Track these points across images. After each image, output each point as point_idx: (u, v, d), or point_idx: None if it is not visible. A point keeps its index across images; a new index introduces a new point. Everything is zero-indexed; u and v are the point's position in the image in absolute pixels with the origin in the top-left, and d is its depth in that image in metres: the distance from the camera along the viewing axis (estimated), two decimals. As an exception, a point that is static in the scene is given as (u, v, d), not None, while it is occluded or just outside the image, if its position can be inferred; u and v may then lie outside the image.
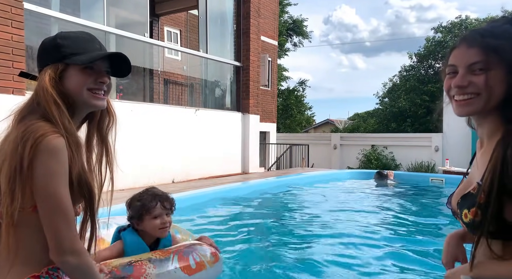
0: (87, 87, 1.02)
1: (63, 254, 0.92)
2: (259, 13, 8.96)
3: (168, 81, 9.43)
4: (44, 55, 1.02)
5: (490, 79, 0.84)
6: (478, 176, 0.90)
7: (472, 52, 0.86)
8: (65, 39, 1.02)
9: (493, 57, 0.84)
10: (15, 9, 4.54)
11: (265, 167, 10.88)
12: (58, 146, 0.91)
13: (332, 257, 3.14)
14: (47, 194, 0.90)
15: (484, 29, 0.89)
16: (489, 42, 0.85)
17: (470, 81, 0.86)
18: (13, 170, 0.89)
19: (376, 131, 18.34)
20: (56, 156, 0.91)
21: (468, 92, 0.87)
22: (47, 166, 0.90)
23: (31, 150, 0.88)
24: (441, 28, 18.86)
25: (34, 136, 0.89)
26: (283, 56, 21.79)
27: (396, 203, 5.72)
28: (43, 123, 0.93)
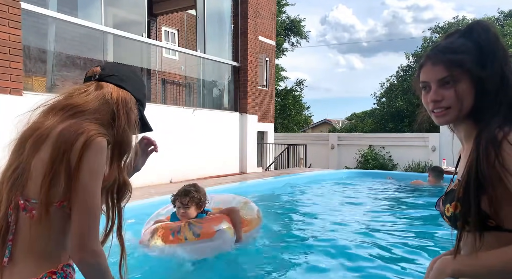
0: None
1: (84, 252, 0.94)
2: (256, 13, 8.97)
3: (166, 81, 9.41)
4: (131, 81, 1.15)
5: (459, 91, 0.94)
6: (460, 173, 0.99)
7: (438, 69, 0.96)
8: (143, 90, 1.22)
9: (457, 70, 0.94)
10: (12, 9, 4.53)
11: (263, 167, 10.89)
12: (104, 146, 0.98)
13: (332, 256, 3.15)
14: (87, 190, 0.94)
15: (443, 46, 0.98)
16: (450, 58, 0.95)
17: (443, 95, 0.96)
18: (61, 155, 0.93)
19: (373, 131, 18.38)
20: (103, 155, 0.98)
21: (443, 106, 0.97)
22: (94, 164, 0.95)
23: (83, 146, 0.94)
24: (438, 28, 18.93)
25: (87, 134, 0.95)
26: (280, 56, 21.81)
27: (394, 202, 5.74)
28: (93, 124, 1.00)
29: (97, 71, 1.12)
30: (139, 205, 4.46)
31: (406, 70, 19.90)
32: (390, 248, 3.39)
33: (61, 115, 1.01)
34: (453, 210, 0.92)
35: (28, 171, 0.96)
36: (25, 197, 0.96)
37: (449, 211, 0.94)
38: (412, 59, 19.51)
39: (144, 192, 5.53)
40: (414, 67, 19.59)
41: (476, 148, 0.89)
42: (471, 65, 0.93)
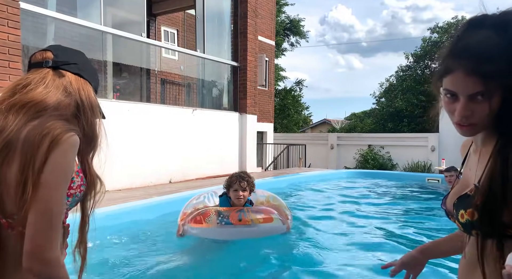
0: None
1: (31, 259, 0.84)
2: (256, 13, 8.96)
3: (165, 81, 9.41)
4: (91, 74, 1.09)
5: (492, 107, 0.84)
6: (475, 178, 0.92)
7: (472, 81, 0.83)
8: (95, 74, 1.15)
9: (492, 85, 0.82)
10: (11, 9, 4.52)
11: (262, 167, 10.88)
12: (73, 144, 0.92)
13: (331, 256, 3.15)
14: (45, 188, 0.86)
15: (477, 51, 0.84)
16: (488, 70, 0.82)
17: (473, 110, 0.85)
18: (27, 163, 0.87)
19: (372, 131, 18.38)
20: (70, 154, 0.91)
21: (472, 122, 0.87)
22: (59, 162, 0.88)
23: (50, 146, 0.88)
24: (437, 28, 18.93)
25: (54, 133, 0.90)
26: (280, 56, 21.80)
27: (393, 202, 5.74)
28: (61, 123, 0.95)
29: (50, 58, 1.01)
30: (139, 205, 4.45)
31: (406, 70, 19.90)
32: (391, 247, 3.39)
33: (22, 116, 0.92)
34: (469, 218, 0.87)
35: (3, 184, 0.88)
36: (6, 215, 0.89)
37: (464, 218, 0.88)
38: (411, 59, 19.52)
39: (144, 192, 5.53)
40: (413, 67, 19.60)
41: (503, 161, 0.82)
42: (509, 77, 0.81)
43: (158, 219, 4.19)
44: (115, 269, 2.76)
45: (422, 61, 19.25)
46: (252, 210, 3.21)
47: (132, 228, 3.81)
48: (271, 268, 2.94)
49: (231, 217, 3.11)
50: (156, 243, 3.47)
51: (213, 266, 3.00)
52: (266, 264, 3.02)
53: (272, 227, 3.24)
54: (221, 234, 3.15)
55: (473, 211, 0.86)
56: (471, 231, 0.88)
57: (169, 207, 4.60)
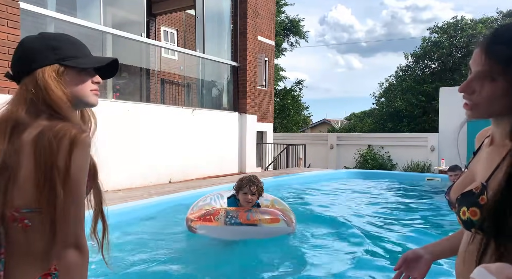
0: (90, 89, 1.08)
1: (67, 246, 0.93)
2: (256, 13, 8.96)
3: (165, 81, 9.41)
4: (36, 56, 1.02)
5: (492, 90, 0.82)
6: (482, 174, 0.89)
7: (482, 59, 0.83)
8: (57, 41, 1.04)
9: (498, 68, 0.80)
10: (11, 9, 4.52)
11: (262, 167, 10.89)
12: (89, 143, 0.96)
13: (330, 256, 3.16)
14: (73, 186, 0.93)
15: (498, 34, 0.84)
16: (499, 52, 0.80)
17: (476, 89, 0.84)
18: (49, 167, 0.91)
19: (372, 131, 18.40)
20: (88, 152, 0.96)
21: (473, 100, 0.86)
22: (81, 162, 0.94)
23: (70, 148, 0.92)
24: (437, 28, 18.95)
25: (70, 134, 0.93)
26: (280, 56, 21.81)
27: (393, 202, 5.74)
28: (67, 123, 0.97)
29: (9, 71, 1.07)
30: (139, 205, 4.45)
31: (405, 70, 19.92)
32: (391, 246, 3.39)
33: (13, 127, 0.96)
34: (471, 216, 0.85)
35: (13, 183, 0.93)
36: (14, 208, 0.94)
37: (465, 215, 0.86)
38: (411, 59, 19.53)
39: (144, 191, 5.53)
40: (413, 67, 19.61)
41: None
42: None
43: (158, 218, 4.19)
44: (116, 269, 2.76)
45: (422, 61, 19.26)
46: (260, 211, 3.32)
47: (132, 228, 3.81)
48: (272, 268, 2.94)
49: (240, 216, 3.20)
50: (156, 242, 3.47)
51: (218, 266, 3.00)
52: (268, 265, 3.02)
53: (278, 228, 3.32)
54: (229, 233, 3.23)
55: (476, 210, 0.84)
56: (470, 229, 0.87)
57: (169, 206, 4.60)
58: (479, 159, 0.97)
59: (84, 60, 1.05)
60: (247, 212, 3.25)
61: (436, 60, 18.77)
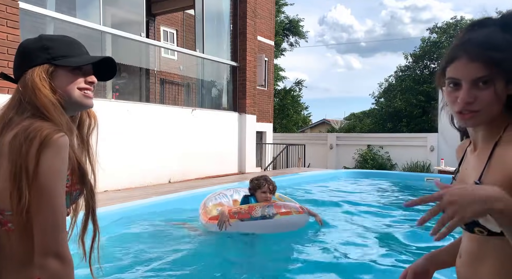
0: (78, 87, 1.03)
1: (45, 256, 0.88)
2: (255, 13, 8.97)
3: (165, 81, 9.41)
4: (29, 56, 1.02)
5: (497, 93, 0.84)
6: (474, 176, 0.91)
7: (475, 67, 0.84)
8: (51, 42, 1.04)
9: (496, 70, 0.83)
10: (10, 9, 4.52)
11: (261, 167, 10.89)
12: (63, 144, 0.92)
13: (330, 256, 3.16)
14: (45, 188, 0.89)
15: (482, 41, 0.86)
16: (492, 56, 0.83)
17: (476, 96, 0.85)
18: (18, 168, 0.88)
19: (372, 131, 18.41)
20: (62, 154, 0.91)
21: (472, 109, 0.86)
22: (52, 164, 0.90)
23: (39, 149, 0.89)
24: (436, 28, 18.97)
25: (41, 135, 0.89)
26: (279, 56, 21.81)
27: (392, 202, 5.75)
28: (45, 123, 0.93)
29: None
30: (139, 205, 4.45)
31: (405, 70, 19.93)
32: (391, 246, 3.39)
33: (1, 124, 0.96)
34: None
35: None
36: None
37: None
38: (410, 60, 19.55)
39: (143, 191, 5.53)
40: (412, 67, 19.63)
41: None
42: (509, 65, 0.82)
43: (158, 219, 4.19)
44: (118, 268, 2.76)
45: (421, 61, 19.28)
46: (284, 204, 3.54)
47: (131, 228, 3.81)
48: (272, 267, 2.95)
49: (275, 208, 3.41)
50: (155, 243, 3.47)
51: (221, 264, 3.00)
52: (269, 263, 3.03)
53: (304, 217, 3.56)
54: (267, 227, 3.40)
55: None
56: (473, 229, 0.87)
57: (169, 206, 4.60)
58: (465, 166, 0.99)
59: (75, 59, 1.02)
60: (279, 204, 3.48)
61: (436, 60, 18.78)
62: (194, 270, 2.88)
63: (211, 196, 3.98)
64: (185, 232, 3.84)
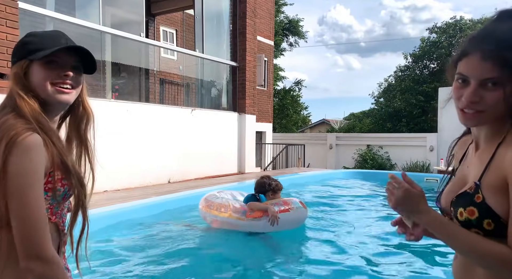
0: (51, 82, 0.99)
1: (28, 259, 0.85)
2: (255, 13, 8.96)
3: (164, 81, 9.40)
4: (14, 53, 1.04)
5: (506, 96, 0.81)
6: (473, 175, 0.91)
7: (487, 66, 0.81)
8: (32, 36, 1.03)
9: (508, 72, 0.79)
10: (9, 9, 4.51)
11: (261, 167, 10.89)
12: (31, 144, 0.88)
13: (329, 256, 3.16)
14: (17, 192, 0.86)
15: (499, 38, 0.82)
16: (507, 56, 0.79)
17: (482, 97, 0.83)
18: None
19: (371, 131, 18.41)
20: (30, 155, 0.87)
21: (476, 108, 0.84)
22: (19, 165, 0.86)
23: (6, 149, 0.86)
24: (436, 28, 18.97)
25: (8, 135, 0.87)
26: (279, 56, 21.81)
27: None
28: (16, 121, 0.91)
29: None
30: (138, 205, 4.44)
31: (404, 70, 19.93)
32: (391, 246, 3.39)
33: None
34: (469, 216, 0.86)
35: None
36: None
37: (463, 216, 0.87)
38: (410, 60, 19.54)
39: (142, 191, 5.52)
40: (412, 67, 19.63)
41: None
42: None
43: (157, 219, 4.18)
44: (121, 268, 2.76)
45: (421, 61, 19.27)
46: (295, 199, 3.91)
47: (131, 228, 3.81)
48: (274, 266, 2.94)
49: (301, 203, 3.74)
50: (155, 242, 3.46)
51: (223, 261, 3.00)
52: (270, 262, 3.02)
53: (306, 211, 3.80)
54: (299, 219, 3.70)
55: (473, 208, 0.85)
56: (470, 229, 0.87)
57: (168, 206, 4.60)
58: (467, 163, 0.98)
59: (42, 52, 0.98)
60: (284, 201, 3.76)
61: (435, 60, 18.79)
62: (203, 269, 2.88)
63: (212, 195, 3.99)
64: (187, 231, 3.83)
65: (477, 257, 0.83)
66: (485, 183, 0.85)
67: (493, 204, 0.83)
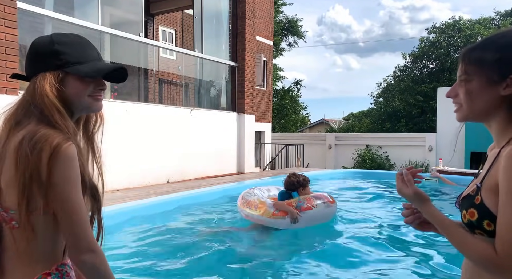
0: (89, 95, 1.05)
1: (81, 253, 0.95)
2: (254, 13, 8.96)
3: (163, 81, 9.39)
4: (41, 60, 1.02)
5: (468, 89, 0.91)
6: (480, 178, 0.92)
7: (460, 66, 0.95)
8: (64, 46, 1.03)
9: (471, 68, 0.91)
10: (8, 8, 4.51)
11: (260, 167, 10.89)
12: (73, 154, 0.94)
13: (329, 256, 3.16)
14: (65, 199, 0.94)
15: (478, 43, 0.95)
16: (471, 55, 0.92)
17: (457, 92, 0.95)
18: (28, 178, 0.90)
19: (370, 131, 18.44)
20: (73, 164, 0.94)
21: (458, 102, 0.96)
22: (65, 174, 0.93)
23: (50, 158, 0.90)
24: (434, 29, 19.01)
25: (51, 145, 0.91)
26: (278, 56, 21.81)
27: (391, 201, 5.75)
28: (51, 131, 0.94)
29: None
30: (138, 205, 4.44)
31: (403, 70, 19.96)
32: (390, 247, 3.40)
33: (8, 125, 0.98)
34: (470, 217, 0.88)
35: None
36: (4, 208, 0.95)
37: (466, 218, 0.90)
38: (409, 60, 19.57)
39: (142, 192, 5.52)
40: (411, 67, 19.65)
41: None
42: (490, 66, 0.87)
43: (156, 218, 4.18)
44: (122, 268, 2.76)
45: (420, 62, 19.31)
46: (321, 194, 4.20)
47: (130, 228, 3.80)
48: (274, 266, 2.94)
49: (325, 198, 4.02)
50: (154, 242, 3.46)
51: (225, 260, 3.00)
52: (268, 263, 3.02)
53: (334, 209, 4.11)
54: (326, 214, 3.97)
55: (473, 210, 0.87)
56: (474, 231, 0.88)
57: (167, 207, 4.59)
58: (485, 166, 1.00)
59: (86, 68, 1.03)
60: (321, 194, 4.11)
61: (434, 60, 18.82)
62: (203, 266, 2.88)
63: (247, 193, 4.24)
64: (182, 230, 3.83)
65: (466, 255, 0.89)
66: (484, 185, 0.88)
67: (490, 205, 0.85)
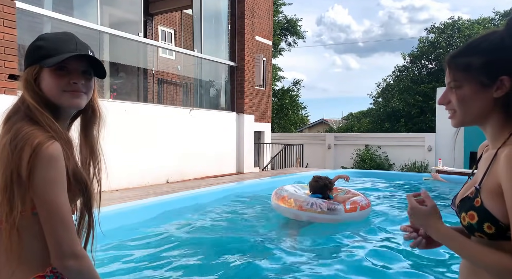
0: (62, 89, 0.99)
1: (64, 258, 0.92)
2: (253, 13, 8.96)
3: (162, 81, 9.39)
4: (26, 56, 1.02)
5: (460, 96, 0.91)
6: (476, 179, 0.92)
7: (447, 72, 0.96)
8: (44, 41, 1.01)
9: (459, 74, 0.91)
10: (7, 8, 4.50)
11: (259, 167, 10.89)
12: (55, 153, 0.90)
13: (329, 256, 3.16)
14: (46, 201, 0.90)
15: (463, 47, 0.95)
16: (457, 62, 0.92)
17: (449, 99, 0.95)
18: (9, 179, 0.88)
19: (370, 131, 18.43)
20: (55, 164, 0.90)
21: (452, 109, 0.96)
22: (46, 175, 0.89)
23: (30, 159, 0.87)
24: (434, 28, 19.01)
25: (32, 145, 0.88)
26: (277, 56, 21.81)
27: (390, 201, 5.76)
28: (33, 129, 0.92)
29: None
30: (137, 205, 4.43)
31: (403, 70, 19.96)
32: (390, 248, 3.40)
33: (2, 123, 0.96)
34: (470, 220, 0.88)
35: None
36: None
37: (466, 220, 0.89)
38: (408, 60, 19.58)
39: (141, 192, 5.51)
40: (410, 67, 19.66)
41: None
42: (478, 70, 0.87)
43: (156, 218, 4.18)
44: (124, 269, 2.75)
45: (419, 62, 19.31)
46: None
47: (130, 228, 3.80)
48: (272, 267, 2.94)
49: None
50: (154, 242, 3.46)
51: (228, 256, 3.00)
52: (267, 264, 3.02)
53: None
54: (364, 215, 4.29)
55: (473, 212, 0.87)
56: (474, 233, 0.88)
57: (167, 207, 4.59)
58: (479, 167, 1.00)
59: (51, 59, 0.97)
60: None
61: (433, 60, 18.83)
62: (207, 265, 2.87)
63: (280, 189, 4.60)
64: (181, 231, 3.83)
65: (484, 267, 0.87)
66: (484, 187, 0.87)
67: (491, 207, 0.84)
